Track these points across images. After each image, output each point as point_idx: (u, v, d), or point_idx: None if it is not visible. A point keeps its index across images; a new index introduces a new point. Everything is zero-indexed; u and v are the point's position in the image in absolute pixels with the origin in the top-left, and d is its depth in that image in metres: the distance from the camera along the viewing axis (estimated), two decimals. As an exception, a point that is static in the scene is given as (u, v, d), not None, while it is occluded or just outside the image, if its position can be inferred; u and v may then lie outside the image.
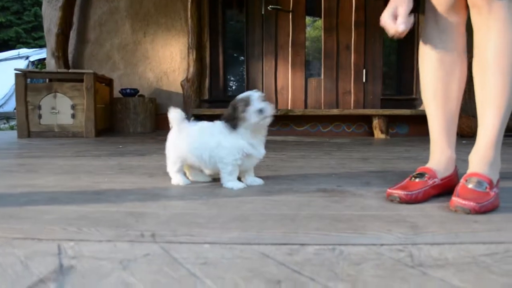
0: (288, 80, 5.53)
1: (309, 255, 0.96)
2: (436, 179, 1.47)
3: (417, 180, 1.46)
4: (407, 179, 1.49)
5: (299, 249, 0.99)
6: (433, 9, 1.54)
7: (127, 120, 5.30)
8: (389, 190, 1.42)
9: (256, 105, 1.58)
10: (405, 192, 1.38)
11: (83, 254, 0.96)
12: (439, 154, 1.57)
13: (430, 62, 1.59)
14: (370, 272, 0.89)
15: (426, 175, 1.46)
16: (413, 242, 1.03)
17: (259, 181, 1.77)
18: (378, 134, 5.06)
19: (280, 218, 1.18)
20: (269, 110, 1.61)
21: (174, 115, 1.71)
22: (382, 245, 1.02)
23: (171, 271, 0.88)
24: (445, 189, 1.49)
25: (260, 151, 1.71)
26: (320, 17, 5.51)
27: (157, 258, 0.94)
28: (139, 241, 1.00)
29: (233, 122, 1.62)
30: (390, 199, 1.40)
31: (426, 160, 1.60)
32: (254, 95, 1.61)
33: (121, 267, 0.90)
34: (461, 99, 1.60)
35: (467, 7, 1.47)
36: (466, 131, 4.54)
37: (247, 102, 1.59)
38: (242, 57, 5.99)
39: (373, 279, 0.85)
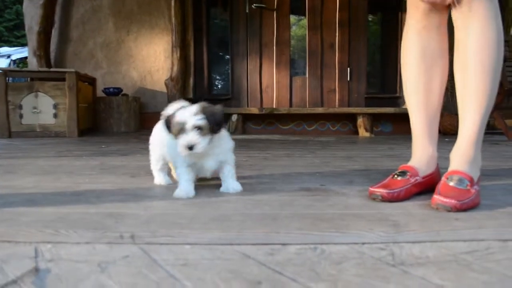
0: (273, 78, 5.53)
1: (290, 255, 0.95)
2: (418, 177, 1.47)
3: (399, 178, 1.46)
4: (389, 177, 1.49)
5: (280, 249, 0.98)
6: (415, 6, 1.55)
7: (110, 119, 5.24)
8: (371, 189, 1.42)
9: (186, 137, 1.37)
10: (387, 191, 1.38)
11: (60, 257, 0.94)
12: (421, 152, 1.58)
13: (412, 56, 1.60)
14: (351, 271, 0.88)
15: (408, 173, 1.47)
16: (394, 240, 1.03)
17: (233, 189, 1.57)
18: (362, 133, 5.09)
19: (262, 218, 1.17)
20: (201, 145, 1.38)
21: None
22: (363, 243, 1.01)
23: (150, 273, 0.86)
24: (427, 187, 1.50)
25: (207, 164, 1.53)
26: (305, 16, 5.52)
27: (137, 260, 0.92)
28: (118, 242, 0.98)
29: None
30: (373, 197, 1.40)
31: (409, 158, 1.61)
32: (188, 121, 1.37)
33: (99, 269, 0.88)
34: (443, 95, 1.61)
35: (448, 6, 1.48)
36: (448, 129, 4.59)
37: (181, 128, 1.38)
38: (227, 56, 5.98)
39: (354, 278, 0.85)
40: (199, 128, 1.37)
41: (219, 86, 6.25)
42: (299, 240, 1.01)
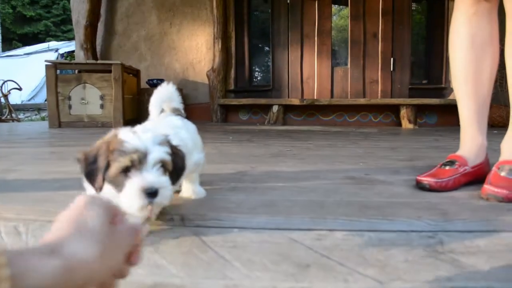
0: (314, 69, 5.49)
1: (337, 240, 0.96)
2: (466, 167, 1.44)
3: (447, 167, 1.43)
4: (437, 167, 1.46)
5: (327, 234, 0.99)
6: None
7: (154, 110, 5.35)
8: (418, 178, 1.40)
9: (146, 177, 0.81)
10: (435, 180, 1.35)
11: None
12: (470, 141, 1.53)
13: (460, 45, 1.55)
14: (400, 257, 0.88)
15: (457, 163, 1.43)
16: (443, 229, 1.01)
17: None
18: (406, 124, 4.98)
19: (308, 204, 1.18)
20: (169, 192, 0.84)
21: None
22: (411, 231, 1.00)
23: (200, 254, 0.89)
24: (475, 177, 1.46)
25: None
26: (347, 5, 5.43)
27: (187, 240, 0.96)
28: (169, 225, 1.02)
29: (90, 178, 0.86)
30: (420, 186, 1.38)
31: (456, 149, 1.57)
32: (151, 151, 0.84)
33: (152, 249, 0.92)
34: (492, 84, 1.56)
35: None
36: (497, 121, 4.43)
37: (135, 160, 0.82)
38: (267, 47, 5.98)
39: (402, 265, 0.85)
40: (164, 165, 0.86)
41: (260, 77, 6.27)
42: (346, 227, 1.02)
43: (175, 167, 0.89)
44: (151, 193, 0.79)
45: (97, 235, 0.50)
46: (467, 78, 1.55)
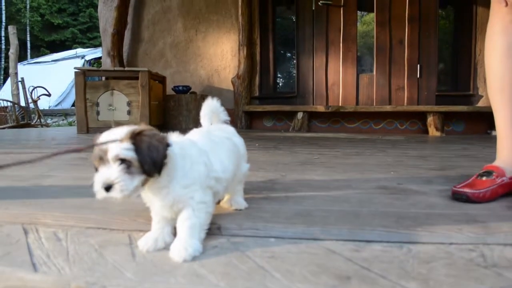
0: (339, 76, 5.46)
1: (376, 252, 0.95)
2: (504, 178, 1.41)
3: (484, 178, 1.40)
4: (474, 177, 1.43)
5: (365, 245, 0.98)
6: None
7: (180, 116, 5.42)
8: (454, 188, 1.37)
9: (104, 172, 0.90)
10: (472, 191, 1.33)
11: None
12: (507, 152, 1.50)
13: (497, 53, 1.53)
14: (442, 271, 0.87)
15: (494, 173, 1.41)
16: (484, 242, 0.99)
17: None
18: (433, 132, 4.91)
19: (343, 214, 1.17)
20: (124, 187, 0.90)
21: None
22: (451, 244, 0.99)
23: (240, 264, 0.90)
24: (514, 188, 1.43)
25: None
26: (372, 11, 5.40)
27: (225, 250, 0.96)
28: (206, 234, 1.02)
29: None
30: (456, 197, 1.36)
31: (486, 158, 1.54)
32: (110, 149, 0.90)
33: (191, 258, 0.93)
34: (529, 93, 1.53)
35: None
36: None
37: (99, 157, 0.92)
38: (292, 54, 5.99)
39: (446, 278, 0.83)
40: (123, 161, 0.90)
41: (284, 84, 6.27)
42: (384, 238, 1.01)
43: (146, 161, 0.91)
44: (106, 187, 0.89)
45: None
46: (503, 87, 1.52)
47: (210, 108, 1.35)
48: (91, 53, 16.23)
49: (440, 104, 5.11)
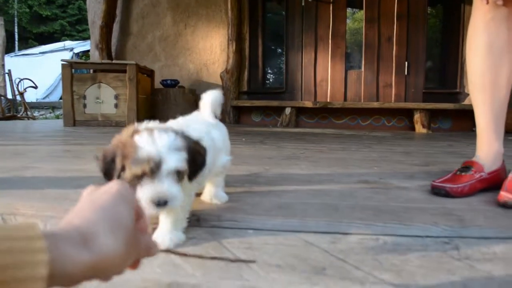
0: (327, 72, 5.48)
1: (352, 244, 0.96)
2: (483, 173, 1.43)
3: (463, 173, 1.42)
4: (453, 173, 1.45)
5: (342, 238, 1.00)
6: None
7: (167, 110, 5.39)
8: (434, 183, 1.39)
9: (159, 187, 0.79)
10: (451, 185, 1.35)
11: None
12: (486, 148, 1.52)
13: (478, 51, 1.54)
14: (415, 262, 0.88)
15: (473, 169, 1.43)
16: (459, 235, 1.01)
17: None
18: (419, 129, 4.95)
19: (323, 207, 1.18)
20: (179, 200, 0.81)
21: None
22: (427, 237, 1.00)
23: (217, 254, 0.90)
24: (492, 183, 1.45)
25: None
26: (361, 9, 5.42)
27: (203, 242, 0.97)
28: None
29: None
30: (435, 192, 1.38)
31: (470, 155, 1.56)
32: (166, 160, 0.79)
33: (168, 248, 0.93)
34: (510, 90, 1.55)
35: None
36: (513, 127, 4.38)
37: (150, 169, 0.78)
38: (281, 49, 5.99)
39: (418, 270, 0.85)
40: (178, 173, 0.82)
41: (273, 80, 6.27)
42: (361, 230, 1.02)
43: (195, 163, 0.86)
44: (159, 203, 0.79)
45: (126, 235, 0.51)
46: (484, 84, 1.53)
47: (216, 100, 1.32)
48: (80, 46, 16.07)
49: (427, 101, 5.16)
